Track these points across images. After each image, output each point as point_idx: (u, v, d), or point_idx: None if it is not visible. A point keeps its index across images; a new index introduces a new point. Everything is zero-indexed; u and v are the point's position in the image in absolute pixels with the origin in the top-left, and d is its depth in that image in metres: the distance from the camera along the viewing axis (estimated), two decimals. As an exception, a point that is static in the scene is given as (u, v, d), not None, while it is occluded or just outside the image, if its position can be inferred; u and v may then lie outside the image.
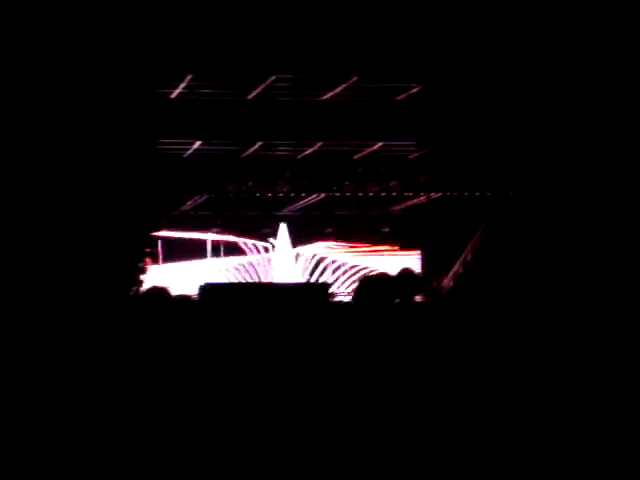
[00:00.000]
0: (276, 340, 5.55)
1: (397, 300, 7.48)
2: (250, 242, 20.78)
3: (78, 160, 10.35)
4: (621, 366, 5.88)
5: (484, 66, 12.30)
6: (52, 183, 10.12)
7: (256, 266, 20.84)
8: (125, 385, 5.51)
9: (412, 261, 20.07)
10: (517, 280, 13.04)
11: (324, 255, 20.90)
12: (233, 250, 20.55)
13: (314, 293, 6.54)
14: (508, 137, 14.32)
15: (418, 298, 7.66)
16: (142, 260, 14.30)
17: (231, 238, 20.49)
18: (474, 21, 11.21)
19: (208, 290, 6.92)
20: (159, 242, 19.43)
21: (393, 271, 6.14)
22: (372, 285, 5.76)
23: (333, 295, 16.69)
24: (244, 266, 20.77)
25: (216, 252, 20.27)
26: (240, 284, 17.34)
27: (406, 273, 6.69)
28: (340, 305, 6.40)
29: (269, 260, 20.97)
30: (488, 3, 10.84)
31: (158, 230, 16.58)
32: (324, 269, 20.77)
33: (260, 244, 20.89)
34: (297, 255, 21.02)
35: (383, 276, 6.50)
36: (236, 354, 5.55)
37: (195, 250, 20.13)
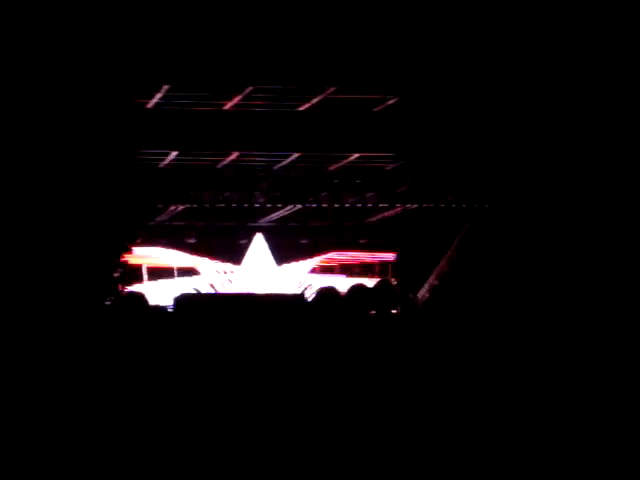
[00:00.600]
0: (253, 349, 5.54)
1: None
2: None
3: (54, 169, 10.31)
4: (611, 371, 5.90)
5: (461, 78, 12.34)
6: (27, 191, 10.07)
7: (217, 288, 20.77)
8: (101, 393, 5.49)
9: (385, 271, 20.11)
10: (493, 291, 13.06)
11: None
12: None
13: (291, 304, 6.53)
14: (484, 149, 14.37)
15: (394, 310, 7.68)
16: (117, 269, 14.24)
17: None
18: (451, 32, 11.24)
19: (183, 301, 6.89)
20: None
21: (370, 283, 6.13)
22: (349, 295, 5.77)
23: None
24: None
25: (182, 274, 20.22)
26: (215, 295, 17.32)
27: (383, 284, 6.69)
28: (316, 316, 6.38)
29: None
30: (465, 15, 10.87)
31: (133, 240, 16.53)
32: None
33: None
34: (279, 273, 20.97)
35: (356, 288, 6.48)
36: (212, 364, 5.54)
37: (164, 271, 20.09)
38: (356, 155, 16.03)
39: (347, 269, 20.85)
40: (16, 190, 9.97)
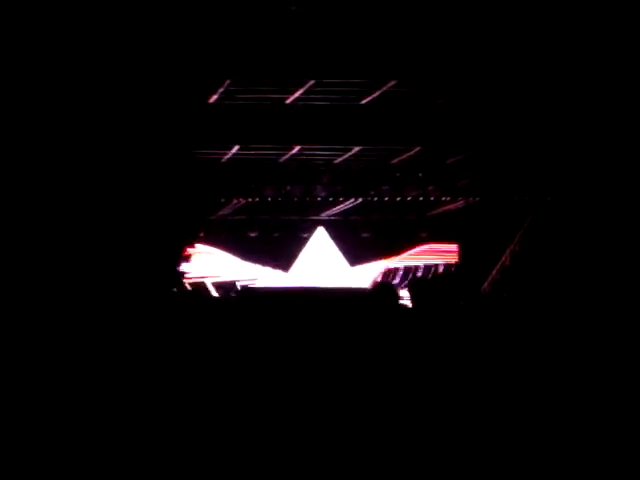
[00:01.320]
0: (315, 344, 5.55)
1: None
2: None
3: (118, 165, 10.43)
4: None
5: (522, 70, 12.25)
6: (93, 187, 10.20)
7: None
8: (163, 382, 5.54)
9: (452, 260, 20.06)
10: (556, 285, 12.97)
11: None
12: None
13: (357, 298, 6.51)
14: (545, 142, 14.26)
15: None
16: (180, 263, 14.35)
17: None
18: (512, 26, 11.17)
19: (247, 295, 6.91)
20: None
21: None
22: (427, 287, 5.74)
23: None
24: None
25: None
26: (279, 289, 17.39)
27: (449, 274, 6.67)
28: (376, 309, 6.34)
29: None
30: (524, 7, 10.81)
31: (197, 234, 16.66)
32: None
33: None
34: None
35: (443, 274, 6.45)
36: (274, 358, 5.56)
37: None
38: (417, 148, 15.99)
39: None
40: (86, 185, 10.10)
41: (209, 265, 20.02)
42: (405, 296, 6.16)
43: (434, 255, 20.78)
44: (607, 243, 12.65)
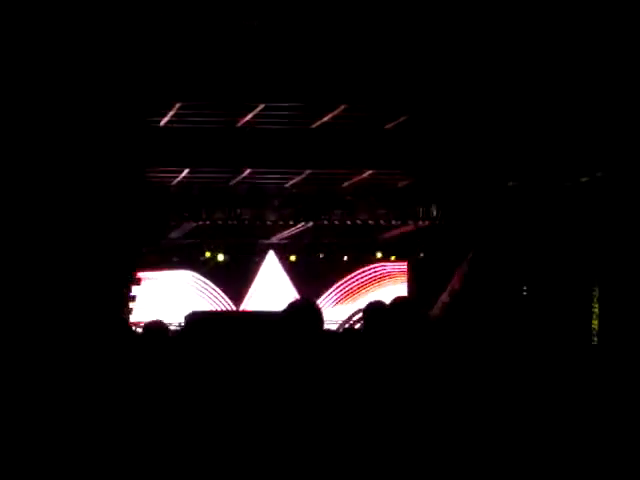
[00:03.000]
0: (268, 370, 5.51)
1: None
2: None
3: (65, 188, 10.34)
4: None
5: (471, 95, 12.33)
6: (40, 208, 10.09)
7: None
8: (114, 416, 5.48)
9: (401, 289, 20.11)
10: (507, 307, 13.03)
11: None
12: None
13: (304, 319, 6.45)
14: (494, 165, 14.36)
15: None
16: (130, 287, 14.24)
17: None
18: (461, 49, 11.24)
19: (194, 320, 6.84)
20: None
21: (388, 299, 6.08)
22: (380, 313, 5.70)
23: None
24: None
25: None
26: (226, 312, 17.32)
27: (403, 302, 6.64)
28: (330, 334, 6.32)
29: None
30: (475, 31, 10.87)
31: (144, 259, 16.54)
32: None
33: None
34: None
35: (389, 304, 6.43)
36: (227, 385, 5.52)
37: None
38: (368, 172, 16.04)
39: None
40: (24, 209, 9.99)
41: (157, 291, 19.93)
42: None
43: (383, 277, 20.84)
44: (556, 264, 12.73)
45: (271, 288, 21.17)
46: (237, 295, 21.22)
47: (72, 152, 10.67)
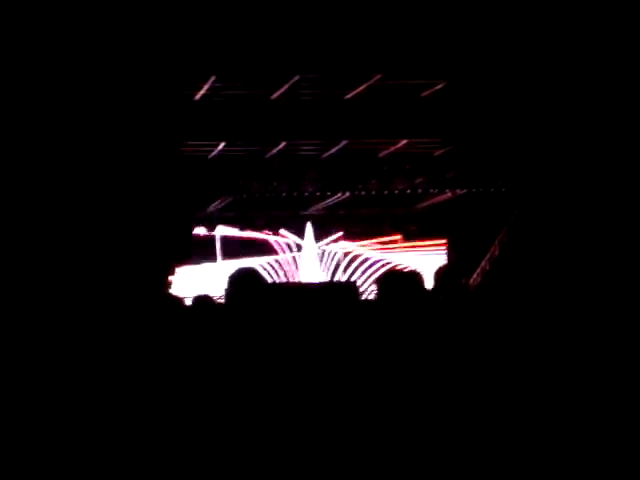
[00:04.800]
0: (302, 341, 5.51)
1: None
2: (280, 240, 20.84)
3: (104, 164, 10.39)
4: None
5: (508, 60, 12.24)
6: (79, 186, 10.15)
7: (284, 265, 20.87)
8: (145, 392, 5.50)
9: (440, 257, 20.05)
10: (545, 276, 12.97)
11: (351, 252, 20.90)
12: (262, 249, 20.60)
13: (340, 292, 6.48)
14: (534, 132, 14.26)
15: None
16: (169, 262, 14.32)
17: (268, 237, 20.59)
18: (497, 15, 11.16)
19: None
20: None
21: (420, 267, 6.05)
22: (398, 281, 5.65)
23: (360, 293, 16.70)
24: (272, 265, 20.79)
25: (246, 250, 20.33)
26: (265, 285, 17.31)
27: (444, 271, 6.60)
28: (366, 303, 6.32)
29: (294, 259, 20.98)
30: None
31: (186, 232, 16.61)
32: (351, 266, 20.78)
33: (287, 241, 20.93)
34: (323, 253, 21.00)
35: (410, 272, 6.40)
36: (260, 357, 5.52)
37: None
38: (404, 141, 15.98)
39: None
40: (71, 185, 10.05)
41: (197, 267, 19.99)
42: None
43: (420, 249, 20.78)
44: (597, 235, 12.65)
45: (308, 259, 21.18)
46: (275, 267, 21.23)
47: (108, 128, 10.71)
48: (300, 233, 21.10)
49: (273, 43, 11.61)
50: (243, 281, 5.93)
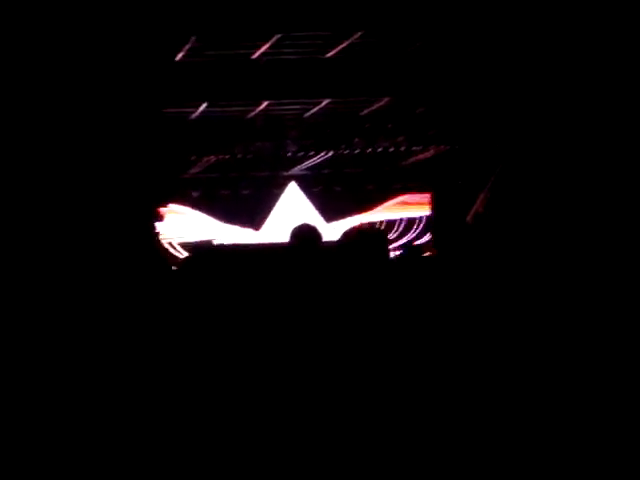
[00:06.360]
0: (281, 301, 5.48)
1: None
2: None
3: (83, 127, 10.33)
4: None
5: (489, 16, 12.20)
6: (58, 152, 10.10)
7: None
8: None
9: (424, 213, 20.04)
10: (528, 232, 12.99)
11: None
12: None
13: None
14: (517, 88, 14.23)
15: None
16: (153, 222, 14.28)
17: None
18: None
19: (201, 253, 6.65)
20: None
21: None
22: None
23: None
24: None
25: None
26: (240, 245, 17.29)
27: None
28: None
29: None
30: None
31: (169, 194, 16.57)
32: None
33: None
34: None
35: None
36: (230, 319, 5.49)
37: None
38: (386, 99, 15.96)
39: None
40: (50, 152, 10.00)
41: (180, 225, 19.96)
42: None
43: (407, 207, 20.77)
44: (582, 194, 12.65)
45: (295, 218, 21.15)
46: (258, 228, 21.21)
47: (87, 88, 10.65)
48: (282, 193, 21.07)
49: (253, 2, 11.54)
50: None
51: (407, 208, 20.83)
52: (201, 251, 6.90)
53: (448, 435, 4.88)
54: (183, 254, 18.64)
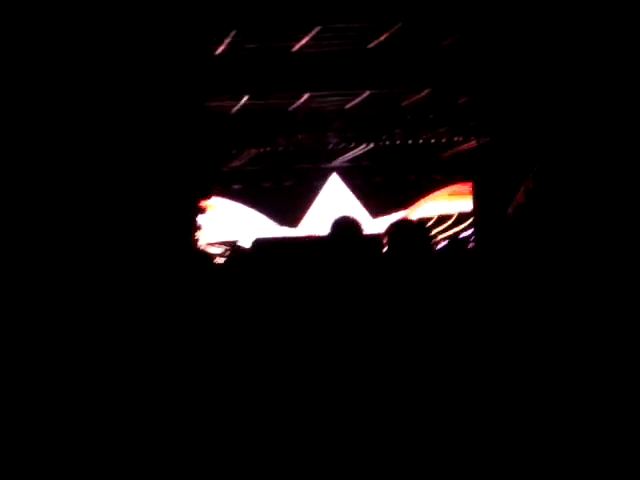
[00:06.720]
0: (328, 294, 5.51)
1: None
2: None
3: (124, 121, 10.39)
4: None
5: (534, 6, 12.14)
6: (97, 142, 10.16)
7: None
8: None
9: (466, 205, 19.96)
10: (570, 222, 12.92)
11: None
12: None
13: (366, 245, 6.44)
14: (560, 77, 14.14)
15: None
16: (196, 217, 14.35)
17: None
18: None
19: (261, 245, 6.80)
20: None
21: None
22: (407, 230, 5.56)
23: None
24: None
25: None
26: (293, 238, 17.34)
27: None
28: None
29: None
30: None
31: (211, 187, 16.64)
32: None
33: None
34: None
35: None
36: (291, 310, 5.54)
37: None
38: (427, 90, 15.91)
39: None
40: (89, 142, 10.07)
41: (222, 219, 20.02)
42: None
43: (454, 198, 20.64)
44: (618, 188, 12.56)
45: (336, 210, 21.13)
46: (299, 220, 21.22)
47: (130, 83, 10.71)
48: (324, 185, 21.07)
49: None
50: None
51: (453, 199, 20.73)
52: (261, 245, 6.94)
53: (449, 435, 4.88)
54: (223, 248, 18.70)
